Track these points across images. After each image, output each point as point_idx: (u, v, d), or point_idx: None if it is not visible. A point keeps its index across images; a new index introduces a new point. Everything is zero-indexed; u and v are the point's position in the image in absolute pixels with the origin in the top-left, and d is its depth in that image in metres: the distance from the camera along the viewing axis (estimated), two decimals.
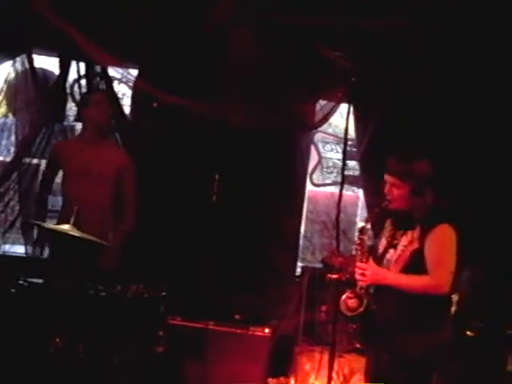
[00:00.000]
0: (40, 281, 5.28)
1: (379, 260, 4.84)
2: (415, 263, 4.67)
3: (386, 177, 4.75)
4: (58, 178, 6.39)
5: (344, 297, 4.83)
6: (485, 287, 6.19)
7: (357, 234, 4.86)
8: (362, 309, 4.75)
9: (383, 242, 4.91)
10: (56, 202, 6.85)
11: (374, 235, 5.23)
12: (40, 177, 6.70)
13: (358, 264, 4.80)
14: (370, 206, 6.54)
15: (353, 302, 4.79)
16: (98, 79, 7.05)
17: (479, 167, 6.47)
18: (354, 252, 4.85)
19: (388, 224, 4.94)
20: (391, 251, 4.81)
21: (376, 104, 6.66)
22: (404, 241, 4.75)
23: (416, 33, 6.34)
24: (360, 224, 4.89)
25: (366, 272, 4.75)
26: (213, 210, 6.98)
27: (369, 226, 4.92)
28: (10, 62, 7.01)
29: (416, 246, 4.67)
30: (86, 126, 6.11)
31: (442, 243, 4.66)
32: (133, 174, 6.16)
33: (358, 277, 4.78)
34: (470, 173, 6.45)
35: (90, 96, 6.46)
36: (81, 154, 6.02)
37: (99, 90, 6.81)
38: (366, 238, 4.84)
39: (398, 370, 4.68)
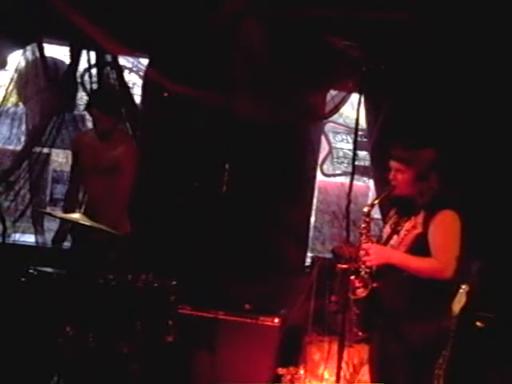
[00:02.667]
0: (50, 270, 5.30)
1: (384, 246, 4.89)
2: (418, 247, 4.70)
3: (391, 163, 4.82)
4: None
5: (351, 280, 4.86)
6: (494, 278, 6.18)
7: (362, 217, 4.89)
8: (365, 293, 4.79)
9: (387, 230, 4.96)
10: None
11: (382, 220, 5.25)
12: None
13: (363, 245, 4.83)
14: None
15: (359, 290, 4.82)
16: (109, 68, 7.05)
17: (490, 159, 6.45)
18: (359, 235, 4.88)
19: (392, 213, 4.99)
20: (395, 237, 4.86)
21: (387, 94, 6.64)
22: (407, 226, 4.78)
23: (425, 23, 6.31)
24: (365, 208, 4.92)
25: (371, 251, 4.78)
26: (223, 200, 6.97)
27: (374, 210, 4.96)
28: (21, 51, 7.00)
29: (420, 230, 4.71)
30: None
31: (447, 228, 4.69)
32: (136, 164, 6.16)
33: (363, 258, 4.81)
34: (480, 164, 6.43)
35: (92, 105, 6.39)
36: (91, 146, 6.07)
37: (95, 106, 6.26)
38: (370, 221, 4.87)
39: (401, 356, 4.70)
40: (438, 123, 6.31)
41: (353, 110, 7.09)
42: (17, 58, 7.05)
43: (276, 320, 6.17)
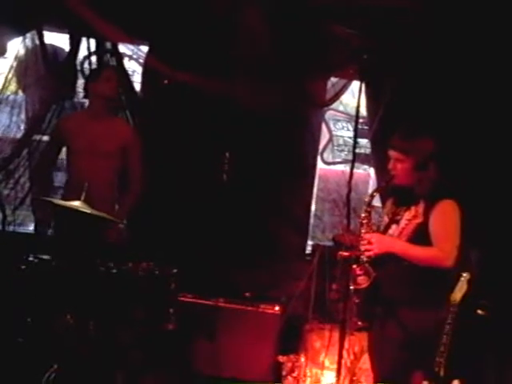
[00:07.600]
0: (50, 257, 5.29)
1: None
2: (419, 237, 4.71)
3: (391, 152, 4.82)
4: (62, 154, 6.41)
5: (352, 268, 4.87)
6: (495, 267, 6.19)
7: (363, 207, 4.89)
8: (367, 283, 4.79)
9: (385, 220, 4.97)
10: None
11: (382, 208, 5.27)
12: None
13: (365, 235, 4.82)
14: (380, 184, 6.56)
15: (360, 277, 4.82)
16: (109, 56, 7.03)
17: (490, 148, 6.44)
18: (359, 225, 4.87)
19: (389, 203, 5.01)
20: (393, 227, 4.87)
21: (387, 81, 6.62)
22: (407, 215, 4.79)
23: (427, 11, 6.30)
24: (366, 198, 4.91)
25: (373, 240, 4.77)
26: (223, 189, 6.97)
27: (374, 200, 4.97)
28: (20, 39, 6.98)
29: (420, 219, 4.72)
30: (93, 100, 6.11)
31: (448, 217, 4.70)
32: (138, 148, 6.16)
33: (364, 247, 4.80)
34: (479, 152, 6.42)
35: (100, 71, 6.45)
36: (85, 130, 6.03)
37: (109, 66, 6.78)
38: (371, 210, 4.86)
39: (401, 345, 4.70)
40: (438, 112, 6.30)
41: (353, 97, 7.09)
42: (16, 46, 7.02)
43: (276, 308, 6.18)
